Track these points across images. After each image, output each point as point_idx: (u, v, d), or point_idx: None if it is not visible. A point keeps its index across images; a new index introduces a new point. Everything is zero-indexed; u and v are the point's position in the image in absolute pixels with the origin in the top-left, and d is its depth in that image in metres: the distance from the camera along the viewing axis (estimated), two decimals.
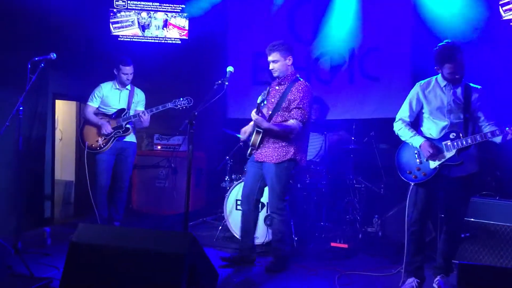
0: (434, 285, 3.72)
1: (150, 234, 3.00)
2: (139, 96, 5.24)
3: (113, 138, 5.03)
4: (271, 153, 4.11)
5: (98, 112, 5.14)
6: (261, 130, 4.12)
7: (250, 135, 4.28)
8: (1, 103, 4.94)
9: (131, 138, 5.17)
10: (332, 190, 5.22)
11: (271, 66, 4.17)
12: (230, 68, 3.92)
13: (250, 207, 4.28)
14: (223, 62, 6.11)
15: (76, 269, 2.91)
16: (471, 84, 3.62)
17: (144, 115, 4.96)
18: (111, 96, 5.12)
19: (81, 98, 6.10)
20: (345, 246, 4.81)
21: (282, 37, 6.26)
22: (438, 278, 3.72)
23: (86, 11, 5.99)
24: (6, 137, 4.24)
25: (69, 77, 6.01)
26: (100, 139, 5.03)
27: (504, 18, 5.00)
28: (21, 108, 4.03)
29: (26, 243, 4.49)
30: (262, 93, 4.23)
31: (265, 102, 4.16)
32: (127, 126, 5.05)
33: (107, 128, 4.99)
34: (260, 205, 4.38)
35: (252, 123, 4.26)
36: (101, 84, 5.16)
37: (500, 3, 5.01)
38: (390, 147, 4.26)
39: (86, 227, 3.06)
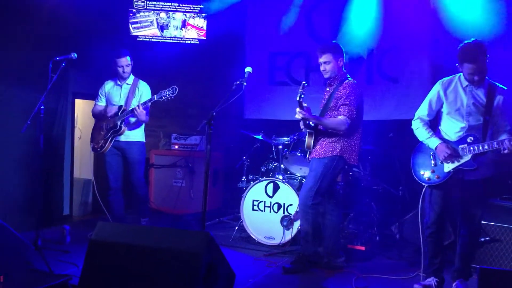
0: None
1: (168, 232, 3.01)
2: (141, 89, 5.03)
3: (110, 138, 4.93)
4: (319, 149, 4.13)
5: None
6: (313, 131, 4.13)
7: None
8: (23, 102, 5.04)
9: (133, 137, 5.01)
10: (350, 192, 5.18)
11: (322, 67, 4.17)
12: (248, 69, 3.91)
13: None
14: (241, 63, 6.12)
15: (95, 266, 2.94)
16: (497, 84, 3.52)
17: (139, 108, 4.73)
18: (113, 93, 5.06)
19: (97, 97, 6.17)
20: (362, 248, 4.78)
21: (300, 37, 6.28)
22: (457, 282, 3.67)
23: (106, 11, 6.05)
24: (27, 135, 4.32)
25: (88, 76, 6.08)
26: (101, 140, 4.97)
27: None
28: (42, 107, 4.09)
29: (46, 240, 4.56)
30: (299, 91, 4.09)
31: (302, 96, 3.99)
32: (121, 125, 4.89)
33: (111, 110, 4.97)
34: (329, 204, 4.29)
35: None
36: (105, 82, 5.14)
37: None
38: (408, 149, 4.22)
39: (105, 225, 3.08)
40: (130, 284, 2.82)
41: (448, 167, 3.51)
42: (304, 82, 4.07)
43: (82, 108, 6.74)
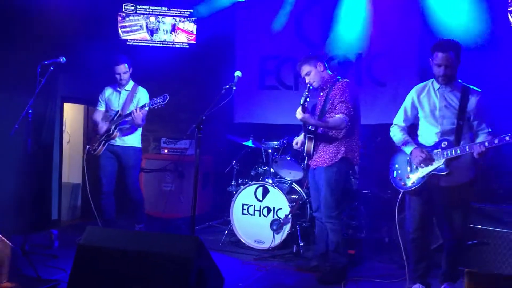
0: None
1: (157, 237, 3.01)
2: (138, 94, 5.06)
3: (103, 141, 4.97)
4: (323, 157, 4.07)
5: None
6: (313, 136, 4.08)
7: (303, 144, 4.20)
8: (11, 106, 4.99)
9: (130, 142, 5.04)
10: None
11: (307, 79, 4.15)
12: (238, 73, 3.92)
13: (321, 217, 4.21)
14: (231, 67, 6.13)
15: (84, 272, 2.92)
16: (471, 86, 3.51)
17: (136, 111, 4.76)
18: (112, 98, 5.10)
19: (89, 101, 6.15)
20: (352, 252, 4.79)
21: (290, 42, 6.31)
22: (444, 285, 3.69)
23: (95, 15, 6.04)
24: (15, 139, 4.28)
25: (77, 80, 6.06)
26: (95, 143, 5.02)
27: None
28: (30, 111, 4.07)
29: (33, 245, 4.53)
30: (304, 94, 4.06)
31: (308, 100, 3.98)
32: (114, 130, 4.92)
33: (102, 128, 5.01)
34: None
35: (302, 134, 4.22)
36: (105, 88, 5.17)
37: (508, 9, 4.99)
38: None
39: (94, 229, 3.07)
40: None
41: (422, 172, 3.51)
42: (309, 85, 4.06)
43: (71, 112, 6.70)
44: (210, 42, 6.51)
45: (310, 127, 4.09)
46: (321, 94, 4.23)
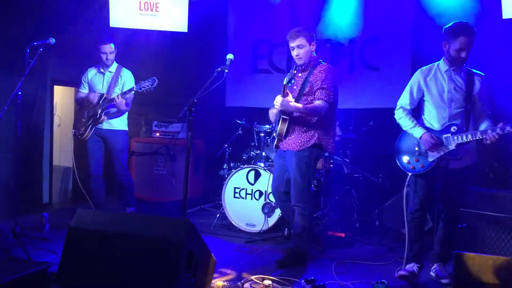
0: (431, 272, 3.77)
1: (148, 219, 3.00)
2: (124, 77, 5.00)
3: (90, 125, 4.91)
4: (295, 140, 3.98)
5: None
6: (287, 118, 3.95)
7: (276, 123, 4.11)
8: (0, 88, 4.94)
9: (117, 125, 5.00)
10: (330, 179, 5.23)
11: (296, 52, 4.00)
12: (230, 56, 3.87)
13: (281, 199, 4.19)
14: (223, 50, 6.08)
15: (74, 254, 2.91)
16: (473, 70, 3.57)
17: (118, 98, 4.75)
18: (95, 80, 5.02)
19: (80, 84, 6.08)
20: (342, 235, 4.84)
21: (283, 26, 6.26)
22: (435, 266, 3.76)
23: None
24: (4, 122, 4.24)
25: (68, 63, 5.98)
26: (82, 127, 4.94)
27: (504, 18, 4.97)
28: (19, 93, 4.01)
29: (25, 228, 4.52)
30: (288, 74, 4.06)
31: (292, 82, 3.94)
32: (101, 114, 4.86)
33: (94, 98, 4.91)
34: (286, 196, 4.14)
35: (275, 110, 4.12)
36: (88, 69, 5.08)
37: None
38: (388, 137, 4.26)
39: (85, 212, 3.06)
40: (109, 271, 2.81)
41: (432, 156, 3.54)
42: (296, 67, 4.02)
43: (61, 95, 6.64)
44: (202, 26, 6.45)
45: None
46: (300, 75, 4.09)
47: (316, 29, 6.13)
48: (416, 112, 3.76)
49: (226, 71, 3.76)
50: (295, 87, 4.08)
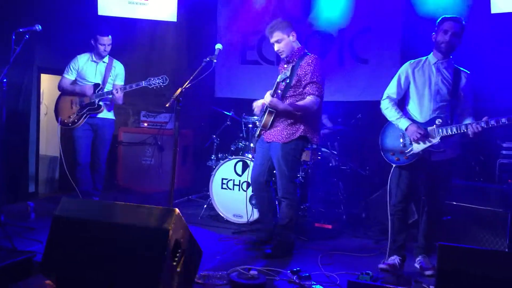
0: (416, 264, 3.80)
1: (133, 209, 2.98)
2: (117, 69, 5.05)
3: (85, 114, 4.91)
4: (280, 132, 3.94)
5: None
6: (274, 111, 3.92)
7: (262, 114, 4.09)
8: None
9: (107, 114, 5.04)
10: (318, 171, 5.24)
11: (276, 47, 3.99)
12: (218, 46, 3.85)
13: (260, 189, 4.15)
14: (212, 40, 6.05)
15: (59, 243, 2.89)
16: (461, 68, 3.63)
17: (117, 92, 4.82)
18: (87, 68, 4.98)
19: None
20: (329, 227, 4.86)
21: (272, 16, 6.23)
22: (419, 257, 3.79)
23: None
24: None
25: (55, 51, 5.91)
26: (72, 115, 4.92)
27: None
28: (4, 80, 3.96)
29: (10, 217, 4.46)
30: (283, 72, 3.99)
31: (288, 81, 3.92)
32: (100, 103, 4.90)
33: (90, 89, 4.88)
34: (266, 185, 4.15)
35: (263, 101, 4.08)
36: (77, 56, 5.02)
37: None
38: (376, 130, 4.28)
39: (70, 201, 3.03)
40: (95, 260, 2.79)
41: (417, 147, 3.57)
42: (292, 66, 3.98)
43: (48, 84, 6.56)
44: (191, 16, 6.41)
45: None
46: (286, 66, 4.05)
47: (307, 19, 6.14)
48: (401, 103, 3.78)
49: (215, 61, 3.75)
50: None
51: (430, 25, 3.69)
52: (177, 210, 2.84)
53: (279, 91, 3.97)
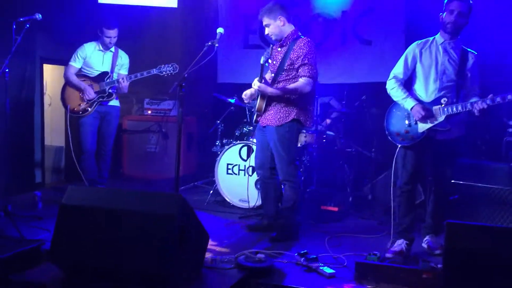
0: (424, 244, 3.80)
1: (140, 195, 3.00)
2: (123, 59, 5.10)
3: (96, 102, 4.94)
4: (274, 116, 3.95)
5: (80, 74, 5.02)
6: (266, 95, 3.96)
7: (255, 99, 4.10)
8: None
9: (114, 102, 5.10)
10: (323, 154, 5.23)
11: (266, 31, 4.02)
12: (220, 30, 3.82)
13: (266, 176, 4.15)
14: (214, 25, 6.00)
15: (67, 231, 2.91)
16: (468, 49, 3.60)
17: (124, 81, 4.86)
18: (94, 57, 4.99)
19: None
20: (335, 209, 4.85)
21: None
22: (427, 237, 3.79)
23: None
24: None
25: (57, 41, 5.88)
26: (82, 103, 4.94)
27: None
28: (7, 70, 3.95)
29: (17, 207, 4.48)
30: (266, 53, 4.02)
31: (269, 61, 3.93)
32: (110, 91, 4.96)
33: (90, 93, 4.90)
34: (271, 172, 4.13)
35: (249, 92, 4.15)
36: (84, 44, 5.01)
37: None
38: (381, 112, 4.25)
39: (76, 189, 3.05)
40: (101, 248, 2.81)
41: (422, 127, 3.55)
42: (272, 46, 4.00)
43: (51, 74, 6.55)
44: (192, 1, 6.35)
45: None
46: (279, 49, 4.03)
47: (310, 2, 6.07)
48: (407, 84, 3.75)
49: (217, 45, 3.72)
50: (274, 62, 4.04)
51: (434, 5, 3.63)
52: (182, 195, 2.85)
53: (267, 75, 3.96)
